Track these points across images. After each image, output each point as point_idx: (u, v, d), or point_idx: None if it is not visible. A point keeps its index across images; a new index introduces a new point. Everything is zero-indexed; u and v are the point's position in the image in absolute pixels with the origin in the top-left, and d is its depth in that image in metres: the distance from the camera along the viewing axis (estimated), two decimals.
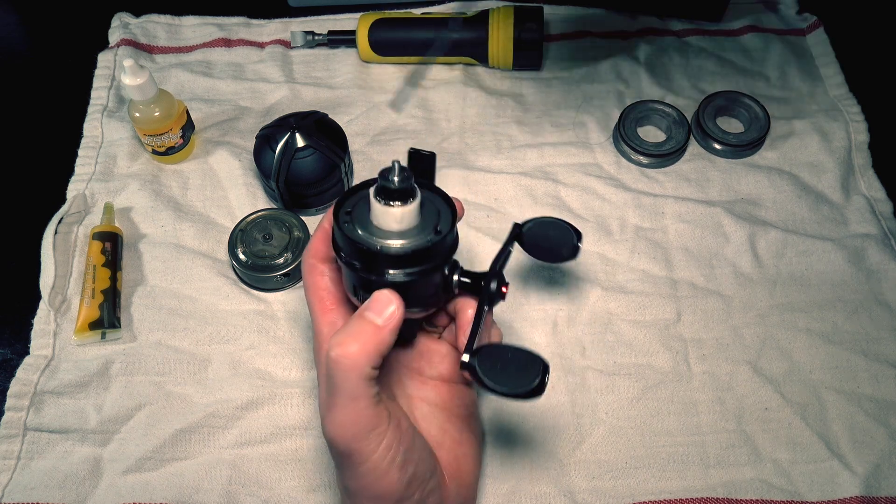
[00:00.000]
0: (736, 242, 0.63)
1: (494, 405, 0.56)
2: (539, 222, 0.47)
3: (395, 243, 0.38)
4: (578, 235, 0.47)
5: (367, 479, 0.39)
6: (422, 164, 0.43)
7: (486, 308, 0.42)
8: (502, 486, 0.53)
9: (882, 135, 0.69)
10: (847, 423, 0.55)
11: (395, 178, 0.37)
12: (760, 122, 0.68)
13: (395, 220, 0.38)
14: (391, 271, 0.38)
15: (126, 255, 0.63)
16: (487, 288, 0.41)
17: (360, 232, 0.39)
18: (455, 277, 0.42)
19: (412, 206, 0.38)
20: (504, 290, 0.42)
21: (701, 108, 0.69)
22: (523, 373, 0.38)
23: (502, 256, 0.44)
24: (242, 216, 0.63)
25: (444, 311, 0.48)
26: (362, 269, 0.38)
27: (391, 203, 0.38)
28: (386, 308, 0.38)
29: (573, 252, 0.47)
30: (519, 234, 0.46)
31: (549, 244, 0.47)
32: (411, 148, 0.43)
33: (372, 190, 0.38)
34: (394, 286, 0.38)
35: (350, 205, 0.40)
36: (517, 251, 0.47)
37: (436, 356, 0.48)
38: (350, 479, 0.40)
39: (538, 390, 0.37)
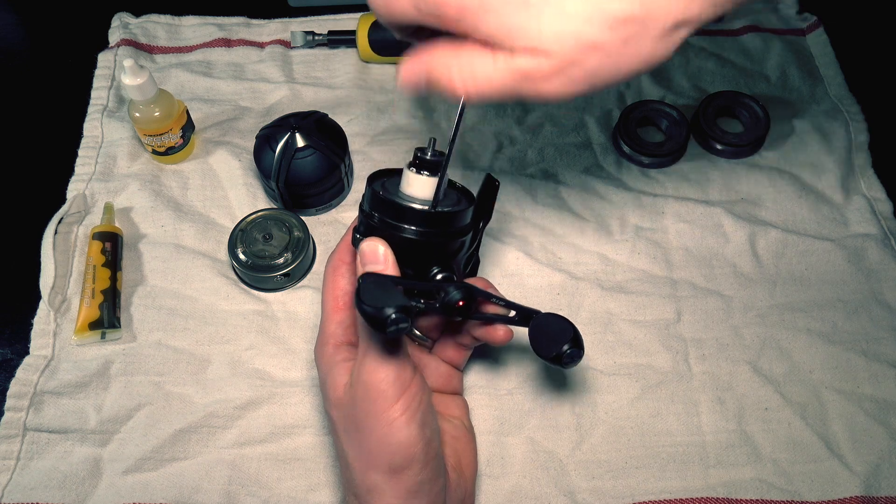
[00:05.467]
0: (736, 242, 0.63)
1: (494, 405, 0.56)
2: (547, 316, 0.47)
3: (417, 206, 0.43)
4: (574, 343, 0.46)
5: (391, 427, 0.41)
6: (488, 190, 0.48)
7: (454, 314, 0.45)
8: (502, 485, 0.53)
9: (882, 135, 0.69)
10: (847, 423, 0.55)
11: (429, 152, 0.43)
12: (760, 122, 0.68)
13: (420, 186, 0.43)
14: (405, 226, 0.43)
15: (126, 255, 0.63)
16: (444, 296, 0.43)
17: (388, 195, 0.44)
18: (435, 269, 0.44)
19: (435, 179, 0.43)
20: (460, 304, 0.43)
21: (701, 108, 0.69)
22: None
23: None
24: (242, 216, 0.63)
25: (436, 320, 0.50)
26: (382, 223, 0.43)
27: (421, 172, 0.43)
28: (377, 256, 0.42)
29: (563, 355, 0.46)
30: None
31: (548, 337, 0.47)
32: (488, 174, 0.48)
33: (407, 163, 0.44)
34: (405, 242, 0.43)
35: (381, 180, 0.47)
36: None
37: (426, 369, 0.51)
38: (373, 433, 0.41)
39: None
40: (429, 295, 0.44)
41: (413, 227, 0.43)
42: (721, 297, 0.61)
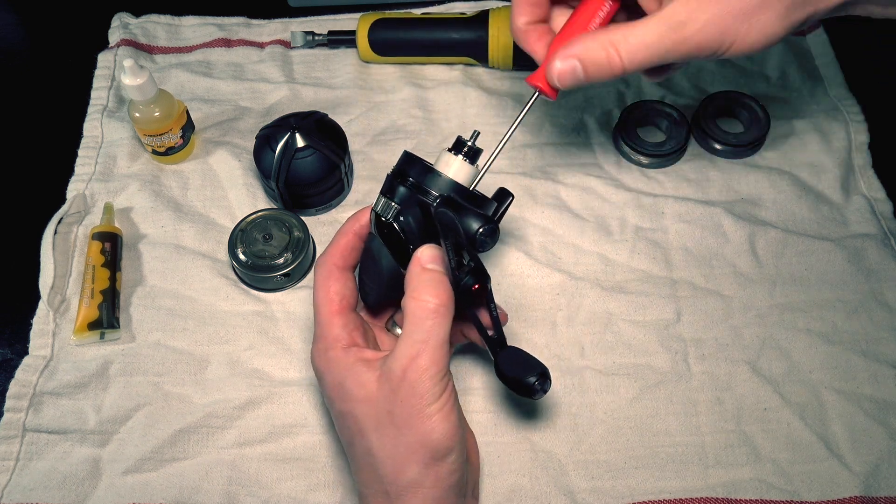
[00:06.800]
0: (736, 242, 0.63)
1: (491, 406, 0.56)
2: (513, 351, 0.47)
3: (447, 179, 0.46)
4: (541, 379, 0.45)
5: (432, 420, 0.42)
6: (502, 199, 0.49)
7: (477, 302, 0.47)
8: (502, 484, 0.53)
9: (882, 135, 0.69)
10: (846, 423, 0.55)
11: (469, 140, 0.46)
12: (760, 122, 0.68)
13: (455, 166, 0.46)
14: (435, 193, 0.45)
15: (126, 256, 0.63)
16: (459, 284, 0.45)
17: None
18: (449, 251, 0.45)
19: (468, 164, 0.46)
20: (475, 288, 0.45)
21: (701, 108, 0.69)
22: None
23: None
24: (242, 216, 0.63)
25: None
26: (414, 186, 0.45)
27: (457, 154, 0.46)
28: (437, 258, 0.44)
29: (533, 389, 0.45)
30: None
31: (515, 374, 0.46)
32: (501, 187, 0.49)
33: (446, 148, 0.47)
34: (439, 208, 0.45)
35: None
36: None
37: None
38: (415, 427, 0.42)
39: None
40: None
41: (439, 197, 0.45)
42: (721, 297, 0.61)
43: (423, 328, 0.42)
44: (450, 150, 0.46)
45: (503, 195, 0.48)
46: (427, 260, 0.44)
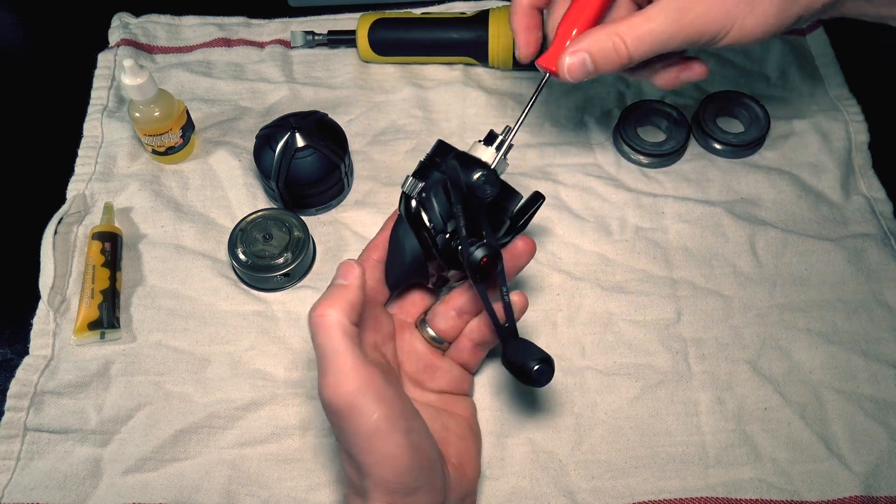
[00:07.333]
0: (736, 242, 0.63)
1: (495, 405, 0.56)
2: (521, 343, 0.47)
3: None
4: (543, 365, 0.44)
5: (372, 441, 0.39)
6: (532, 202, 0.52)
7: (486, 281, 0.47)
8: (502, 487, 0.53)
9: (882, 135, 0.69)
10: (846, 423, 0.55)
11: (501, 134, 0.49)
12: (760, 122, 0.68)
13: (486, 156, 0.49)
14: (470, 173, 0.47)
15: (126, 256, 0.63)
16: (467, 255, 0.46)
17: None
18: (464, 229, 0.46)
19: (497, 153, 0.49)
20: (483, 261, 0.45)
21: (701, 108, 0.69)
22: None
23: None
24: (242, 216, 0.63)
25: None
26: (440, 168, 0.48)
27: (488, 145, 0.49)
28: (349, 271, 0.43)
29: (535, 375, 0.44)
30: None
31: (519, 360, 0.46)
32: (536, 192, 0.52)
33: (478, 140, 0.50)
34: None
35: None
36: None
37: (438, 371, 0.51)
38: (356, 445, 0.40)
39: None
40: (453, 258, 0.47)
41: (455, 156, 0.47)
42: (721, 297, 0.61)
43: (322, 349, 0.40)
44: (480, 141, 0.49)
45: (535, 196, 0.50)
46: (339, 275, 0.43)
